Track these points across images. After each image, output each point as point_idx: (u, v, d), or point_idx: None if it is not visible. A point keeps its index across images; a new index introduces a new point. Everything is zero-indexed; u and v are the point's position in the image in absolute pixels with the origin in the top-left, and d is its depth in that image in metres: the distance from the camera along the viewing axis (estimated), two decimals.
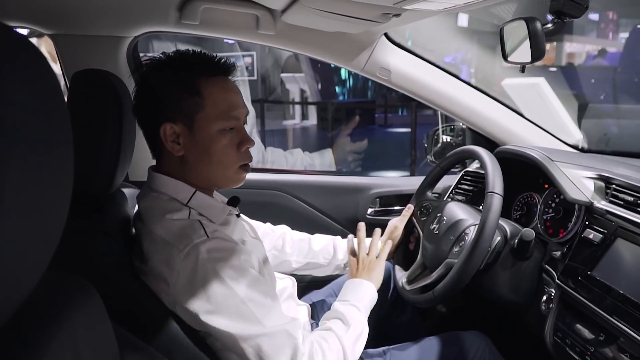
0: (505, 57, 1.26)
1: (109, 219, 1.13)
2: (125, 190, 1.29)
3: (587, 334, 1.14)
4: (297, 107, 10.90)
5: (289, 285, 1.32)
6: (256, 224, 1.42)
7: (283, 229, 1.56)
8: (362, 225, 1.47)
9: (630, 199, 1.20)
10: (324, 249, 1.53)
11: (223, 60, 1.11)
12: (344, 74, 10.25)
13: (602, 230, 1.21)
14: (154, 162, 1.15)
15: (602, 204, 1.26)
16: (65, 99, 1.14)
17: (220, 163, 1.09)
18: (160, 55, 1.09)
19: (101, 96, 1.08)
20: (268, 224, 1.53)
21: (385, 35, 1.66)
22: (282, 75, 10.69)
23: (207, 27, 1.57)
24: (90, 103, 1.08)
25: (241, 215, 1.27)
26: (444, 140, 2.03)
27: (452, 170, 1.79)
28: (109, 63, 1.56)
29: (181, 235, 1.00)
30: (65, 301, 0.62)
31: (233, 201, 1.21)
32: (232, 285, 0.98)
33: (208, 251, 0.99)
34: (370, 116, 9.95)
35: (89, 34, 1.55)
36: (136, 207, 1.14)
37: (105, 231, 1.07)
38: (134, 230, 1.15)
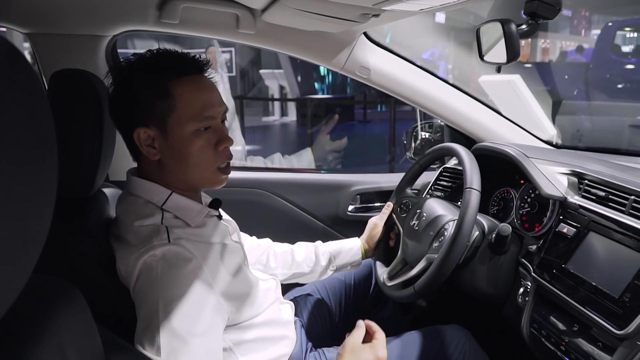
0: (481, 57, 1.29)
1: (91, 221, 1.12)
2: (106, 191, 1.29)
3: (561, 325, 1.17)
4: (277, 104, 10.89)
5: (272, 286, 1.33)
6: (242, 236, 1.40)
7: (267, 242, 1.56)
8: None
9: (602, 193, 1.24)
10: (307, 258, 1.53)
11: (194, 57, 1.07)
12: (323, 70, 10.26)
13: (575, 224, 1.25)
14: (134, 162, 1.15)
15: (575, 199, 1.30)
16: None
17: (197, 165, 1.07)
18: (131, 56, 1.07)
19: (81, 96, 1.07)
20: (253, 237, 1.53)
21: (365, 34, 1.68)
22: (261, 71, 10.65)
23: (187, 26, 1.56)
24: (70, 103, 1.07)
25: (227, 218, 1.27)
26: (423, 137, 2.06)
27: (431, 166, 1.82)
28: (88, 62, 1.54)
29: (145, 239, 1.00)
30: (50, 304, 0.62)
31: (214, 203, 1.20)
32: (163, 299, 0.94)
33: (163, 255, 0.98)
34: (349, 112, 9.98)
35: (67, 32, 1.54)
36: None
37: (87, 233, 1.07)
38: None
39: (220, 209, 1.22)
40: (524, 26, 1.10)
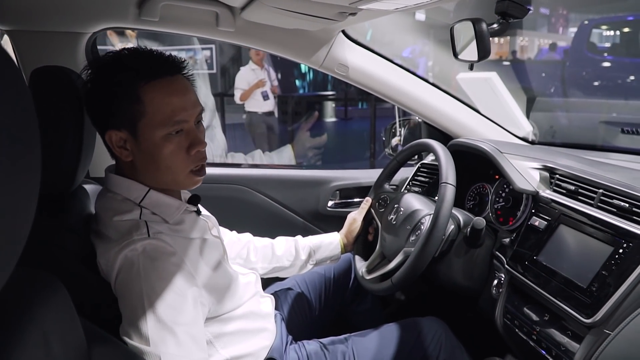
0: (455, 55, 1.32)
1: (72, 216, 1.13)
2: (87, 187, 1.29)
3: (533, 315, 1.21)
4: None
5: (252, 280, 1.34)
6: (222, 231, 1.42)
7: (247, 237, 1.57)
8: None
9: (572, 187, 1.28)
10: (287, 252, 1.55)
11: (168, 58, 1.06)
12: (304, 67, 10.25)
13: (546, 217, 1.29)
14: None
15: (546, 193, 1.34)
16: None
17: (169, 169, 1.06)
18: (105, 56, 1.06)
19: (61, 93, 1.07)
20: (234, 232, 1.54)
21: (343, 32, 1.70)
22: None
23: (166, 24, 1.57)
24: (50, 100, 1.07)
25: (206, 214, 1.28)
26: (401, 133, 2.09)
27: (410, 162, 1.85)
28: (68, 59, 1.54)
29: (124, 234, 1.01)
30: (33, 297, 0.63)
31: (193, 199, 1.20)
32: (146, 292, 0.96)
33: (143, 249, 0.99)
34: (330, 110, 9.97)
35: (47, 29, 1.53)
36: None
37: (68, 228, 1.08)
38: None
39: (199, 205, 1.23)
40: (495, 25, 1.13)
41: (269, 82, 5.90)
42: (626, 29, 6.54)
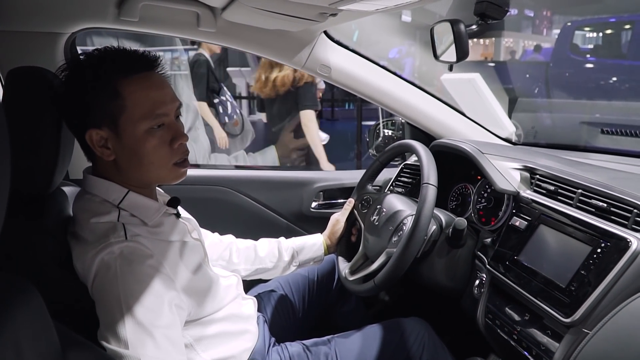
0: (436, 56, 1.32)
1: (50, 219, 1.11)
2: (66, 189, 1.27)
3: (514, 315, 1.22)
4: (245, 102, 10.81)
5: (233, 283, 1.33)
6: (204, 232, 1.41)
7: (230, 239, 1.56)
8: None
9: (552, 188, 1.29)
10: (269, 253, 1.54)
11: (143, 54, 1.06)
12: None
13: (527, 217, 1.30)
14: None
15: (527, 193, 1.34)
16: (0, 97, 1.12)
17: (152, 164, 1.06)
18: (82, 55, 1.05)
19: (38, 94, 1.06)
20: (216, 234, 1.53)
21: (325, 33, 1.70)
22: (228, 69, 10.56)
23: (146, 24, 1.55)
24: (27, 101, 1.05)
25: (187, 216, 1.27)
26: (385, 134, 2.09)
27: (393, 163, 1.86)
28: (46, 60, 1.51)
29: (101, 236, 1.00)
30: (6, 302, 0.62)
31: (173, 202, 1.19)
32: (124, 295, 0.95)
33: (120, 252, 0.98)
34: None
35: (24, 30, 1.50)
36: None
37: (46, 230, 1.06)
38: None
39: (179, 207, 1.22)
40: (474, 26, 1.13)
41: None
42: (608, 31, 6.62)
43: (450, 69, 1.26)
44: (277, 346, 1.36)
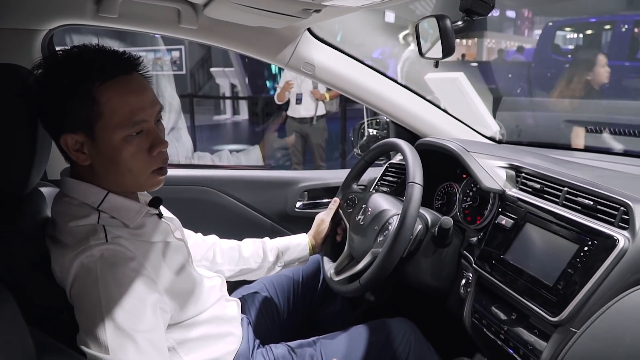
0: (421, 53, 1.31)
1: (26, 220, 1.08)
2: (44, 190, 1.24)
3: (501, 314, 1.21)
4: (229, 102, 10.79)
5: (217, 284, 1.31)
6: (187, 233, 1.38)
7: (213, 239, 1.53)
8: None
9: (538, 186, 1.28)
10: (254, 254, 1.52)
11: (124, 56, 1.01)
12: (274, 68, 10.23)
13: (513, 216, 1.29)
14: None
15: (513, 192, 1.34)
16: None
17: (129, 171, 1.02)
18: (58, 54, 1.00)
19: (14, 92, 1.02)
20: (199, 234, 1.51)
21: (309, 30, 1.68)
22: (212, 69, 10.53)
23: (126, 21, 1.51)
24: (2, 99, 1.02)
25: (169, 216, 1.24)
26: (370, 133, 2.08)
27: (378, 162, 1.84)
28: (23, 58, 1.47)
29: (81, 239, 0.96)
30: None
31: (154, 202, 1.15)
32: (104, 299, 0.92)
33: (101, 254, 0.95)
34: None
35: (0, 26, 1.47)
36: None
37: (22, 233, 1.03)
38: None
39: (161, 207, 1.19)
40: (459, 22, 1.13)
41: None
42: (589, 31, 6.72)
43: (436, 65, 1.25)
44: (261, 348, 1.34)
